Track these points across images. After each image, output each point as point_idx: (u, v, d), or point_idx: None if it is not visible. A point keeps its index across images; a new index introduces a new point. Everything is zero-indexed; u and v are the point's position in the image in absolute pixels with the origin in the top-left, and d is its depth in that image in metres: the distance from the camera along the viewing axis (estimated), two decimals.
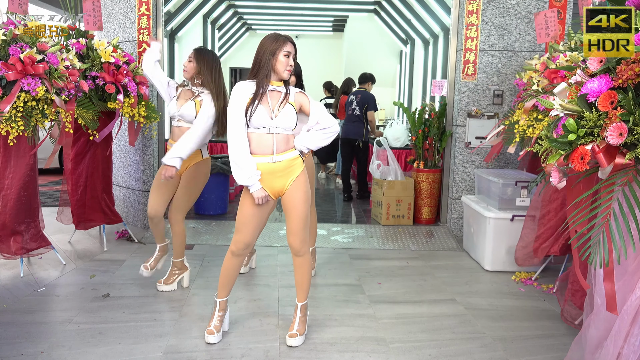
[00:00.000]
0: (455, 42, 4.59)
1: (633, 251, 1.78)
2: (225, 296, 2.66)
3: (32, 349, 2.48)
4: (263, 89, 2.46)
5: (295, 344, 2.58)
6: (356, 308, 3.09)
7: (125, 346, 2.54)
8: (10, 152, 3.19)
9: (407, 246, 4.41)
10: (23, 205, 3.39)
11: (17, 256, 3.38)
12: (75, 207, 4.04)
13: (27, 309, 2.94)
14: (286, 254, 4.06)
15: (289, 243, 2.60)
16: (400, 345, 2.64)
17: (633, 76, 1.64)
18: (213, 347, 2.56)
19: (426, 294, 3.37)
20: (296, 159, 2.54)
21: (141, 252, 4.05)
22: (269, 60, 2.45)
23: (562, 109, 1.84)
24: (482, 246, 3.89)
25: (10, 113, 2.84)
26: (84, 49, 3.49)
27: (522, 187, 3.72)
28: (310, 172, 3.26)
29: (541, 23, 3.76)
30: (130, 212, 4.84)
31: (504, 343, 2.70)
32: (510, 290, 3.47)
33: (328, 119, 2.53)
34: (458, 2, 4.53)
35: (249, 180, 2.45)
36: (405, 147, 5.87)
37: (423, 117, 4.94)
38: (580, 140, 1.75)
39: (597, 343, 1.96)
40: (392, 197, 4.87)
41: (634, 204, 1.64)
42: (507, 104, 4.52)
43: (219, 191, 5.23)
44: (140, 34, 4.52)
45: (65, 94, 3.16)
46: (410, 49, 10.32)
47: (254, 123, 2.44)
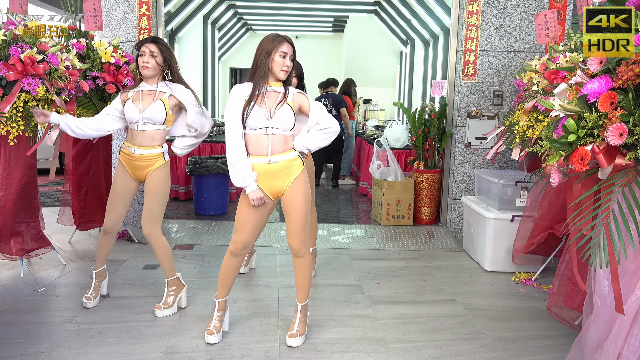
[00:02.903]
0: (455, 43, 4.59)
1: (633, 250, 1.78)
2: (224, 296, 2.66)
3: (32, 349, 2.48)
4: (260, 90, 2.46)
5: (295, 344, 2.58)
6: (356, 308, 3.09)
7: (125, 346, 2.54)
8: (10, 152, 3.19)
9: (407, 246, 4.41)
10: (23, 206, 3.39)
11: (18, 257, 3.38)
12: (77, 207, 4.04)
13: (27, 309, 2.94)
14: (286, 254, 4.06)
15: (289, 244, 2.60)
16: (400, 346, 2.64)
17: (633, 77, 1.64)
18: (213, 347, 2.56)
19: (426, 294, 3.37)
20: (295, 160, 2.54)
21: (141, 252, 4.05)
22: (265, 61, 2.45)
23: (562, 109, 1.84)
24: (482, 247, 3.89)
25: (11, 113, 2.84)
26: (85, 49, 3.49)
27: (522, 187, 3.72)
28: (310, 172, 3.26)
29: (541, 24, 3.76)
30: (130, 212, 4.84)
31: (504, 343, 2.70)
32: (510, 290, 3.47)
33: (328, 119, 2.53)
34: (458, 3, 4.54)
35: (243, 181, 2.45)
36: (405, 147, 5.87)
37: (423, 117, 4.94)
38: (580, 140, 1.75)
39: (597, 344, 1.96)
40: (392, 198, 4.87)
41: (634, 205, 1.64)
42: (507, 104, 4.52)
43: (219, 191, 5.23)
44: (141, 34, 4.52)
45: (66, 94, 3.16)
46: (411, 50, 10.32)
47: (251, 124, 2.44)
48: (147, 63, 2.77)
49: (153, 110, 2.79)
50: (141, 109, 2.81)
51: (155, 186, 2.87)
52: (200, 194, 5.21)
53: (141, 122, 2.81)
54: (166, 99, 2.82)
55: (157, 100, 2.81)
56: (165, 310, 2.91)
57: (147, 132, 2.83)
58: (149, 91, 2.85)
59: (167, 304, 2.94)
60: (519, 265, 3.71)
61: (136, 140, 2.85)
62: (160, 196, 2.89)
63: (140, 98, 2.84)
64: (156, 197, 2.87)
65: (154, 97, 2.82)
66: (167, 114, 2.82)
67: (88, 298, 2.99)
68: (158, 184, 2.87)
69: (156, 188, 2.87)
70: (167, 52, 2.83)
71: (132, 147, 2.85)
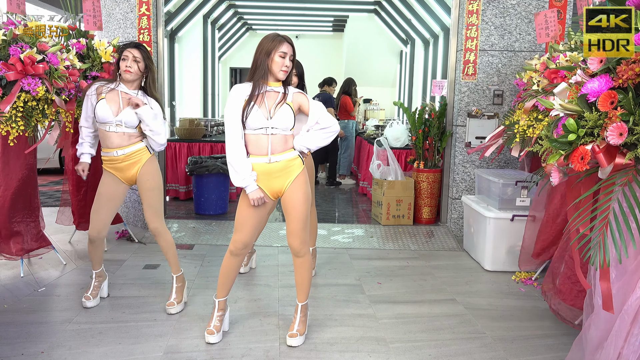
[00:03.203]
0: (455, 42, 4.59)
1: (634, 248, 1.78)
2: (224, 296, 2.66)
3: (32, 349, 2.48)
4: (259, 90, 2.46)
5: (296, 343, 2.58)
6: (356, 308, 3.09)
7: (125, 346, 2.54)
8: (9, 152, 3.19)
9: (407, 246, 4.41)
10: (23, 205, 3.39)
11: (18, 257, 3.38)
12: (76, 207, 4.05)
13: (27, 309, 2.94)
14: (286, 254, 4.06)
15: (289, 244, 2.60)
16: (400, 345, 2.64)
17: (633, 76, 1.64)
18: (213, 347, 2.56)
19: (426, 294, 3.37)
20: (295, 160, 2.54)
21: (141, 252, 4.05)
22: (264, 61, 2.44)
23: (562, 109, 1.84)
24: (482, 246, 3.89)
25: (11, 113, 2.84)
26: (84, 49, 3.49)
27: (522, 187, 3.72)
28: (309, 172, 3.26)
29: (541, 23, 3.76)
30: (130, 212, 4.84)
31: (504, 343, 2.70)
32: (510, 290, 3.47)
33: (328, 119, 2.53)
34: (458, 2, 4.53)
35: (243, 181, 2.45)
36: (406, 147, 5.87)
37: (423, 117, 4.94)
38: (580, 140, 1.75)
39: (597, 343, 1.96)
40: (392, 197, 4.87)
41: (634, 204, 1.64)
42: (507, 104, 4.52)
43: (219, 191, 5.23)
44: (141, 34, 4.52)
45: (66, 94, 3.16)
46: (411, 49, 10.32)
47: (250, 124, 2.44)
48: (130, 68, 2.78)
49: (127, 115, 2.79)
50: (116, 112, 2.80)
51: (149, 181, 2.88)
52: (200, 194, 5.21)
53: (114, 123, 2.80)
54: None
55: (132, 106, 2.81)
56: (178, 306, 2.96)
57: (121, 132, 2.82)
58: (125, 94, 2.84)
59: (179, 300, 2.99)
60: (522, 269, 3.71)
61: (113, 143, 2.83)
62: (156, 190, 2.91)
63: (118, 99, 2.82)
64: (152, 192, 2.90)
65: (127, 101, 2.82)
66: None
67: (87, 298, 2.99)
68: (151, 179, 2.89)
69: (150, 183, 2.89)
70: (148, 59, 2.86)
71: (112, 150, 2.84)
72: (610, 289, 1.78)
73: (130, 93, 2.83)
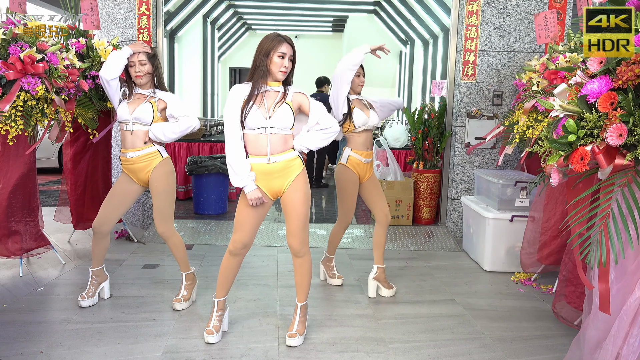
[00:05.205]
0: (455, 43, 4.59)
1: (631, 249, 1.78)
2: (223, 296, 2.66)
3: (31, 349, 2.48)
4: (258, 89, 2.46)
5: (295, 344, 2.58)
6: (356, 308, 3.09)
7: (124, 346, 2.54)
8: (9, 151, 3.19)
9: (406, 246, 4.41)
10: (22, 205, 3.38)
11: (17, 256, 3.38)
12: (74, 206, 4.04)
13: (26, 309, 2.94)
14: (286, 254, 4.06)
15: (288, 244, 2.60)
16: (399, 346, 2.64)
17: (633, 77, 1.64)
18: (212, 347, 2.56)
19: (425, 294, 3.37)
20: (294, 160, 2.54)
21: (140, 252, 4.04)
22: (263, 61, 2.45)
23: (562, 109, 1.84)
24: (481, 247, 3.89)
25: (10, 112, 2.84)
26: (84, 49, 3.49)
27: (522, 187, 3.73)
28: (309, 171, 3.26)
29: (541, 24, 3.76)
30: (129, 211, 4.84)
31: (503, 343, 2.70)
32: (509, 290, 3.47)
33: (328, 119, 2.53)
34: (458, 3, 4.54)
35: (242, 182, 2.45)
36: (405, 147, 5.88)
37: (422, 117, 4.94)
38: (580, 141, 1.75)
39: (596, 343, 1.96)
40: (392, 198, 4.87)
41: (633, 205, 1.64)
42: (507, 104, 4.52)
43: (218, 191, 5.23)
44: (140, 33, 4.52)
45: (65, 94, 3.15)
46: (410, 50, 10.32)
47: (249, 124, 2.44)
48: (139, 72, 2.87)
49: (142, 111, 2.87)
50: (132, 110, 2.89)
51: (158, 185, 2.94)
52: (199, 194, 5.21)
53: (131, 122, 2.89)
54: (155, 102, 2.90)
55: (146, 102, 2.89)
56: (184, 303, 3.01)
57: (137, 133, 2.90)
58: (140, 95, 2.94)
59: (185, 297, 3.03)
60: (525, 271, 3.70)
61: (128, 144, 2.92)
62: (164, 194, 2.96)
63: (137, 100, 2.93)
64: (161, 195, 2.95)
65: (144, 99, 2.91)
66: (155, 116, 2.89)
67: (82, 297, 3.00)
68: (160, 183, 2.94)
69: (159, 187, 2.94)
70: (152, 57, 2.93)
71: (127, 152, 2.94)
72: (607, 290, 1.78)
73: (146, 94, 2.92)
